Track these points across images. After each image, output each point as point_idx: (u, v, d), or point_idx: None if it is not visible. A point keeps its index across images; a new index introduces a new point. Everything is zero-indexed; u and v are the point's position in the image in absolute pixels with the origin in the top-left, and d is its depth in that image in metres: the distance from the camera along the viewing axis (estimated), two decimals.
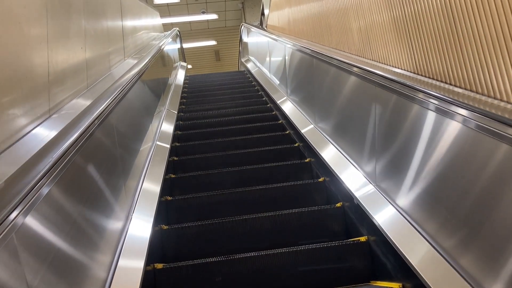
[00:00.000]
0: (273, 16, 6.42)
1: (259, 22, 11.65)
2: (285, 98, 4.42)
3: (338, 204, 2.53)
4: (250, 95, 5.82)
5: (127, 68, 3.33)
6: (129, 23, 4.39)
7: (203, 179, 3.25)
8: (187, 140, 4.22)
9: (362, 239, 2.15)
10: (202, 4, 12.52)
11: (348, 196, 2.36)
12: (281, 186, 2.92)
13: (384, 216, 1.93)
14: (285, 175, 3.26)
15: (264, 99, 5.40)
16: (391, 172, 2.03)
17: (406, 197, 1.86)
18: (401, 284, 1.77)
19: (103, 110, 1.98)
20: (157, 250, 2.31)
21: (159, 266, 2.10)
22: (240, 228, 2.49)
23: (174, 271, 2.11)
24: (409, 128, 1.80)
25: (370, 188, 2.17)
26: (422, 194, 1.72)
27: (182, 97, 5.72)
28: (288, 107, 4.20)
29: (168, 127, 3.86)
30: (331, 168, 2.67)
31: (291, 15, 4.97)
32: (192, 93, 6.30)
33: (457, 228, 1.49)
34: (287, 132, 4.03)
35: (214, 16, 13.33)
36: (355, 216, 2.32)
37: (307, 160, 3.30)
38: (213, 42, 14.89)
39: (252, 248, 2.22)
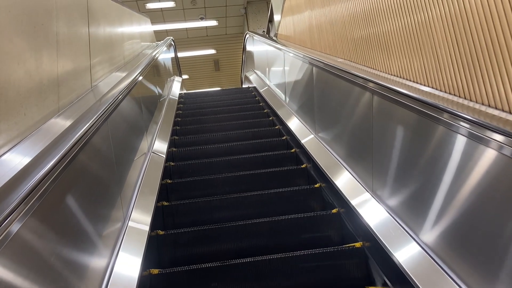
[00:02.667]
0: (286, 24, 5.30)
1: (264, 30, 10.54)
2: (311, 136, 3.29)
3: None
4: (260, 120, 4.69)
5: (92, 101, 2.21)
6: (103, 31, 3.28)
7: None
8: (179, 197, 3.10)
9: None
10: (201, 10, 11.39)
11: None
12: None
13: None
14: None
15: (277, 128, 4.28)
16: None
17: None
18: None
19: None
20: None
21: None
22: None
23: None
24: None
25: None
26: None
27: (175, 123, 4.59)
28: (318, 150, 3.07)
29: (151, 187, 2.71)
30: None
31: (316, 23, 3.85)
32: (188, 117, 5.17)
33: None
34: (317, 185, 2.91)
35: (213, 23, 12.21)
36: None
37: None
38: (212, 51, 13.75)
39: None
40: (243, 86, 8.42)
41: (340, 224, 2.50)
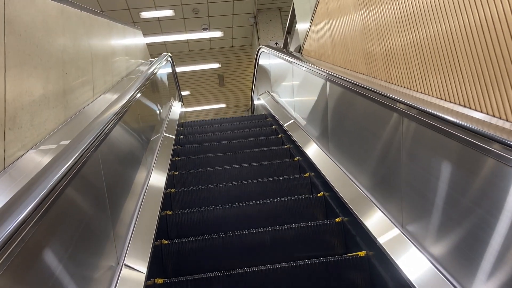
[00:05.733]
0: (319, 36, 3.97)
1: (276, 42, 9.27)
2: (394, 229, 1.95)
3: None
4: (284, 170, 3.37)
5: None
6: (47, 55, 1.99)
7: None
8: None
9: None
10: (204, 19, 10.11)
11: None
12: None
13: None
14: None
15: (321, 197, 2.96)
16: None
17: None
18: None
19: None
20: None
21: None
22: None
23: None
24: None
25: None
26: None
27: (169, 178, 3.27)
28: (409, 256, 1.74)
29: None
30: None
31: (378, 36, 2.54)
32: (188, 159, 3.87)
33: None
34: None
35: (218, 34, 10.93)
36: None
37: None
38: (216, 65, 12.45)
39: None
40: (257, 105, 7.11)
41: None
